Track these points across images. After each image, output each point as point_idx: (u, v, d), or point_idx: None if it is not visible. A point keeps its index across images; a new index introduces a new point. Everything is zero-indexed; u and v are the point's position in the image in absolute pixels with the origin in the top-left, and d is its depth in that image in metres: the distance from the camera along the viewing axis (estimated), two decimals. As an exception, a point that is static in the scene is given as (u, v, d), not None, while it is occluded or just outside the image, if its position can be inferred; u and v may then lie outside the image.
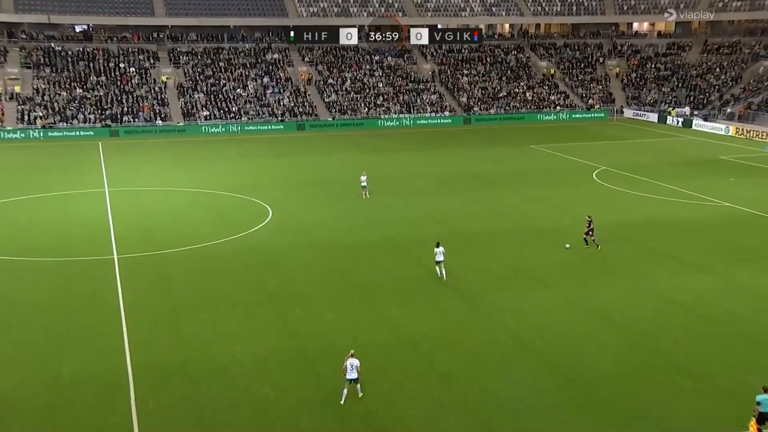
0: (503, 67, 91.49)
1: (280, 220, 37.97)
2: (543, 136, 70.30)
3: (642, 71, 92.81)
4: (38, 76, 75.94)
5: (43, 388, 19.66)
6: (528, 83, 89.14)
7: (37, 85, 74.75)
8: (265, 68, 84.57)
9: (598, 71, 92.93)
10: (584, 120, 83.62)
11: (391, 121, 79.85)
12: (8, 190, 43.41)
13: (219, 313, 25.02)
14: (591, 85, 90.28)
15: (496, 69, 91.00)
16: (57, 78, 76.30)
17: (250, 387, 20.06)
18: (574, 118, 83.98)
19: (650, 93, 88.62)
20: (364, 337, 23.05)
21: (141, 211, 39.60)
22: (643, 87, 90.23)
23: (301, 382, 20.40)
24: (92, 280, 28.32)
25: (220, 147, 64.91)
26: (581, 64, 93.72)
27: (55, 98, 73.48)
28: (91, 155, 58.72)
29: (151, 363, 21.22)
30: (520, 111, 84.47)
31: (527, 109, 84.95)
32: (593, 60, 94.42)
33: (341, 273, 29.65)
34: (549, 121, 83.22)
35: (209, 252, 32.12)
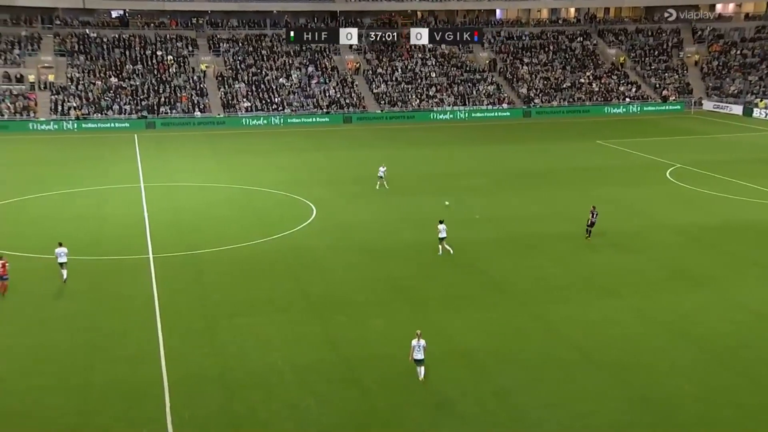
0: (567, 56, 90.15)
1: (324, 219, 38.13)
2: (610, 131, 69.00)
3: (725, 58, 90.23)
4: (72, 65, 78.06)
5: (72, 394, 20.08)
6: (595, 73, 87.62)
7: (71, 74, 76.84)
8: (310, 56, 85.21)
9: (674, 59, 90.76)
10: (657, 113, 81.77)
11: (444, 114, 79.51)
12: (40, 185, 44.67)
13: (257, 319, 25.21)
14: (666, 75, 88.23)
15: (559, 57, 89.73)
16: (92, 66, 78.30)
17: (290, 398, 20.12)
18: (646, 111, 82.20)
19: (734, 83, 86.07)
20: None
21: (177, 208, 40.26)
22: (726, 76, 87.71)
23: (344, 394, 20.36)
24: (126, 280, 28.88)
25: (261, 140, 65.62)
26: (655, 52, 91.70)
27: (89, 88, 75.44)
28: (127, 148, 60.07)
29: (186, 370, 21.47)
30: (585, 103, 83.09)
31: (593, 101, 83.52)
32: (669, 47, 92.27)
33: (388, 277, 29.56)
34: (617, 114, 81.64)
35: (248, 253, 32.43)
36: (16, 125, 69.42)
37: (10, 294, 27.08)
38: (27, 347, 22.77)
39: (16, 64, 75.89)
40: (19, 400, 19.69)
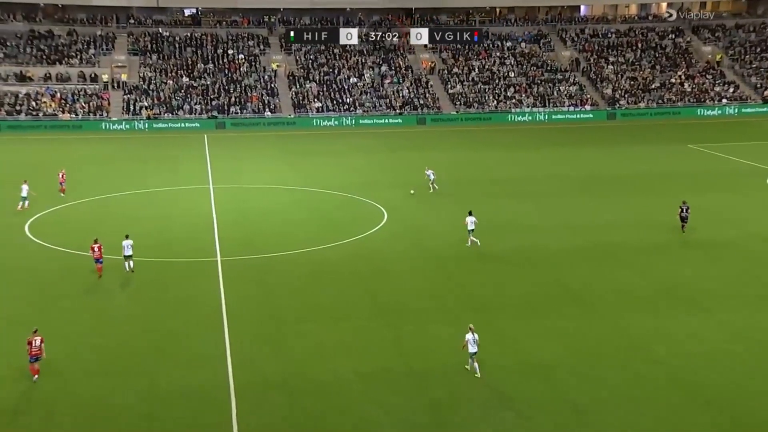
0: (657, 54, 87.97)
1: (395, 223, 38.37)
2: (703, 134, 66.96)
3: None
4: (145, 64, 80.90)
5: (138, 397, 20.83)
6: (687, 72, 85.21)
7: (144, 73, 79.63)
8: (383, 56, 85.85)
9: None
10: (758, 115, 78.85)
11: (522, 116, 78.79)
12: (110, 185, 46.46)
13: (324, 325, 25.59)
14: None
15: (648, 56, 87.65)
16: (164, 65, 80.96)
17: (356, 408, 20.36)
18: (744, 113, 79.38)
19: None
20: (484, 360, 22.81)
21: (246, 210, 41.23)
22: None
23: (412, 405, 20.47)
24: (193, 283, 29.77)
25: (332, 142, 66.40)
26: (757, 49, 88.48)
27: (161, 87, 78.02)
28: (196, 149, 61.84)
29: (252, 376, 22.00)
30: (675, 105, 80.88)
31: (685, 102, 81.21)
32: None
33: (460, 286, 29.55)
34: (711, 116, 79.13)
35: (316, 257, 32.95)
36: (90, 125, 72.39)
37: (79, 293, 28.31)
38: (94, 347, 23.75)
39: (91, 63, 79.15)
40: (86, 401, 20.56)
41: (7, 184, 45.25)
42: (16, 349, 22.57)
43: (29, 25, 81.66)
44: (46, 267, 31.34)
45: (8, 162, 55.41)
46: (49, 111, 73.45)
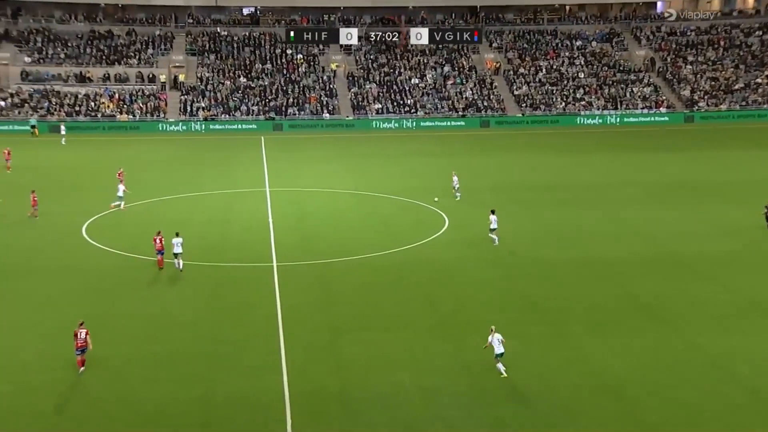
0: (742, 52, 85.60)
1: (456, 230, 38.16)
2: (791, 139, 64.82)
3: None
4: (203, 64, 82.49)
5: (194, 405, 21.04)
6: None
7: (201, 74, 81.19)
8: (446, 55, 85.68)
9: None
10: None
11: (592, 119, 77.61)
12: (166, 188, 47.40)
13: (383, 335, 25.52)
14: None
15: (731, 55, 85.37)
16: (221, 66, 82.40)
17: (417, 423, 20.18)
18: (835, 117, 76.61)
19: None
20: (551, 375, 22.42)
21: (303, 214, 41.55)
22: None
23: (476, 422, 20.21)
24: (248, 289, 30.07)
25: (391, 144, 66.55)
26: None
27: (218, 88, 79.41)
28: (253, 151, 62.69)
29: (308, 385, 22.03)
30: (761, 107, 78.51)
31: (771, 104, 78.83)
32: None
33: (525, 296, 29.15)
34: (800, 119, 76.60)
35: (375, 264, 32.94)
36: (147, 126, 74.16)
37: (134, 298, 28.88)
38: (149, 353, 24.14)
39: (149, 63, 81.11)
40: (143, 407, 20.88)
41: (65, 186, 46.69)
42: (71, 359, 23.13)
43: (90, 26, 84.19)
44: (101, 270, 32.07)
45: (67, 163, 57.11)
46: (108, 112, 75.49)
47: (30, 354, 23.75)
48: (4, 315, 26.86)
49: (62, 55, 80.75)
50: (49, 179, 49.87)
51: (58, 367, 22.92)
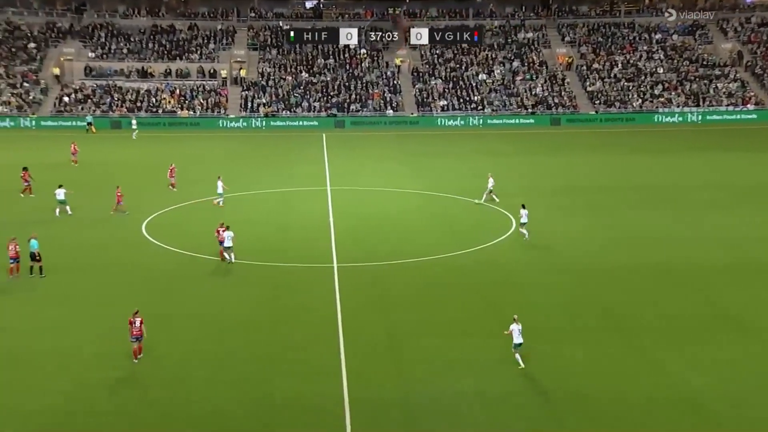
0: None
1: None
2: None
3: None
4: (264, 59, 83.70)
5: (253, 407, 21.40)
6: None
7: (263, 69, 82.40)
8: (515, 50, 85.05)
9: None
10: None
11: (671, 116, 76.06)
12: (230, 185, 48.07)
13: (445, 340, 25.53)
14: None
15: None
16: (283, 61, 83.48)
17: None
18: None
19: None
20: (623, 386, 22.10)
21: (364, 214, 41.82)
22: None
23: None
24: (308, 290, 30.41)
25: (457, 143, 66.41)
26: None
27: (279, 83, 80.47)
28: (314, 148, 63.34)
29: (368, 391, 22.22)
30: None
31: None
32: None
33: (596, 303, 28.79)
34: None
35: (438, 266, 32.95)
36: (207, 122, 75.65)
37: (193, 297, 29.52)
38: (208, 354, 24.63)
39: (211, 59, 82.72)
40: (201, 409, 21.35)
41: (125, 182, 47.82)
42: (129, 357, 23.83)
43: (152, 20, 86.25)
44: (160, 269, 32.88)
45: (128, 160, 58.69)
46: (168, 108, 77.28)
47: (89, 352, 24.52)
48: (64, 312, 27.79)
49: (125, 50, 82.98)
50: (109, 176, 51.30)
51: (117, 366, 23.61)
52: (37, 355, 24.28)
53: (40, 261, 31.07)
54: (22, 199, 44.39)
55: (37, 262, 31.09)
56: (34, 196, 44.39)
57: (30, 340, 25.47)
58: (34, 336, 25.80)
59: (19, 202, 43.97)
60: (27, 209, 42.06)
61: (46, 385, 22.37)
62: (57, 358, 24.08)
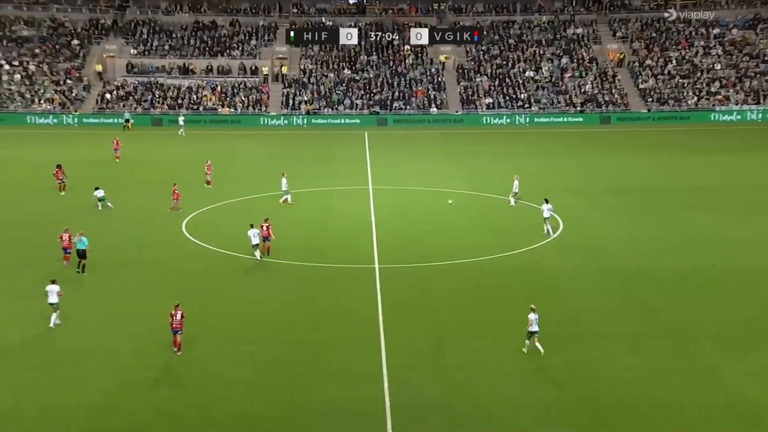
0: None
1: (571, 234, 37.63)
2: None
3: None
4: (306, 55, 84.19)
5: (292, 410, 21.53)
6: None
7: (305, 65, 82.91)
8: (564, 46, 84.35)
9: None
10: None
11: (729, 115, 74.78)
12: (267, 184, 48.55)
13: (489, 344, 25.44)
14: None
15: None
16: (325, 57, 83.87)
17: (522, 439, 20.08)
18: None
19: None
20: (676, 394, 21.79)
21: (407, 214, 41.85)
22: None
23: (588, 442, 19.93)
24: (349, 291, 30.52)
25: (502, 141, 66.19)
26: None
27: (321, 80, 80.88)
28: (356, 147, 63.54)
29: (409, 395, 22.20)
30: None
31: None
32: None
33: (646, 308, 28.43)
34: None
35: (482, 268, 32.84)
36: (248, 120, 76.38)
37: (232, 297, 29.82)
38: (247, 355, 24.84)
39: (252, 55, 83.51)
40: (241, 410, 21.54)
41: (167, 180, 48.54)
42: (170, 357, 24.16)
43: (194, 16, 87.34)
44: (200, 268, 33.28)
45: (168, 157, 59.51)
46: (209, 105, 78.18)
47: (129, 350, 24.92)
48: (104, 310, 28.27)
49: (166, 46, 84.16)
50: (150, 173, 52.11)
51: (157, 365, 23.98)
52: (79, 352, 24.74)
53: (85, 258, 31.89)
54: (61, 196, 45.33)
55: (83, 260, 31.92)
56: (64, 194, 45.42)
57: (72, 337, 25.96)
58: (76, 333, 26.30)
59: (58, 198, 44.85)
60: (67, 205, 42.86)
61: (88, 382, 22.77)
62: (98, 355, 24.52)
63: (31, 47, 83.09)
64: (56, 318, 26.59)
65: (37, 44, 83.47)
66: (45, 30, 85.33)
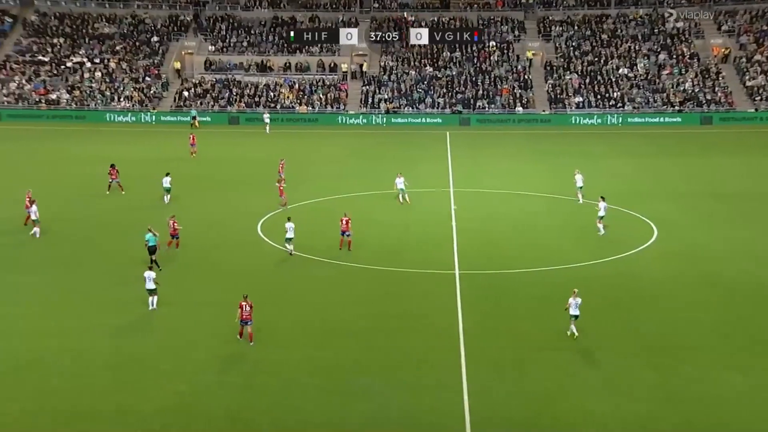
0: None
1: (667, 242, 36.73)
2: None
3: None
4: (387, 52, 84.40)
5: (367, 422, 21.48)
6: None
7: (385, 62, 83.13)
8: (662, 41, 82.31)
9: None
10: None
11: None
12: (344, 184, 48.87)
13: (576, 357, 24.99)
14: None
15: None
16: (406, 54, 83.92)
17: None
18: None
19: None
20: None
21: (489, 218, 41.50)
22: None
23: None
24: (428, 298, 30.36)
25: (592, 142, 65.21)
26: None
27: (401, 78, 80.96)
28: (437, 147, 63.36)
29: (491, 409, 21.96)
30: None
31: None
32: None
33: (751, 323, 27.48)
34: None
35: (568, 276, 32.23)
36: (326, 118, 77.01)
37: (306, 300, 30.02)
38: (321, 361, 24.94)
39: (332, 52, 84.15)
40: (314, 419, 21.63)
41: (238, 183, 49.46)
42: (244, 360, 24.41)
43: (273, 12, 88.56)
44: (274, 270, 33.65)
45: (243, 156, 60.43)
46: (287, 103, 79.13)
47: (203, 353, 25.33)
48: (178, 312, 28.81)
49: (245, 43, 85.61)
50: (225, 172, 53.01)
51: (230, 369, 24.32)
52: (152, 354, 25.28)
53: (154, 254, 32.73)
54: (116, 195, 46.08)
55: (152, 255, 32.74)
56: (109, 193, 46.33)
57: (146, 338, 26.57)
58: (149, 334, 26.92)
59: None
60: (143, 202, 43.92)
61: (163, 385, 23.25)
62: (171, 357, 25.01)
63: (112, 44, 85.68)
64: (154, 303, 28.72)
65: (118, 41, 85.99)
66: (126, 27, 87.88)
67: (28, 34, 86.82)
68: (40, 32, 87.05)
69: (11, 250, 36.16)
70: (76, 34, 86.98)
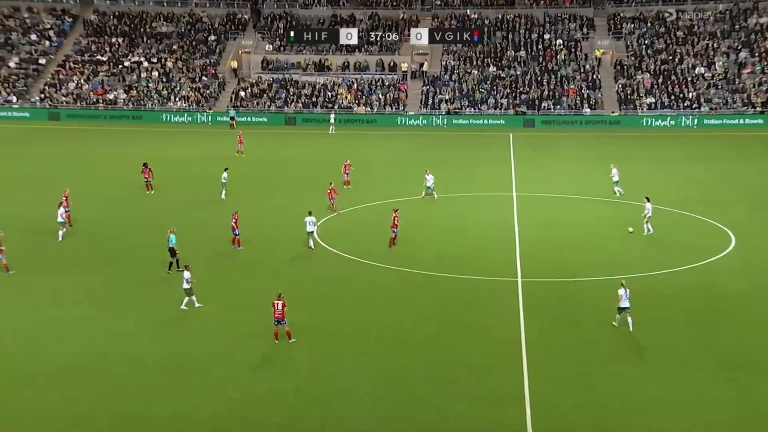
0: None
1: (746, 252, 35.99)
2: None
3: None
4: (448, 51, 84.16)
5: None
6: None
7: (446, 62, 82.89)
8: (744, 38, 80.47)
9: None
10: None
11: None
12: (402, 188, 48.73)
13: (645, 371, 24.56)
14: None
15: None
16: (469, 53, 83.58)
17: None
18: None
19: None
20: None
21: (554, 224, 41.08)
22: None
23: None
24: (489, 306, 30.19)
25: (665, 146, 64.19)
26: None
27: (463, 78, 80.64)
28: (500, 149, 62.96)
29: (554, 424, 21.73)
30: None
31: None
32: None
33: (836, 339, 26.61)
34: None
35: (637, 286, 31.43)
36: (385, 119, 77.08)
37: (362, 305, 30.09)
38: (379, 370, 24.92)
39: (391, 51, 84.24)
40: (371, 428, 21.63)
41: (303, 184, 49.78)
42: (297, 368, 24.46)
43: (332, 10, 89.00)
44: (329, 276, 33.73)
45: (298, 157, 60.84)
46: (345, 103, 79.42)
47: (256, 359, 25.50)
48: (230, 317, 29.05)
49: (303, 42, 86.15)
50: (280, 173, 53.44)
51: (285, 376, 24.46)
52: (204, 359, 25.57)
53: (176, 255, 33.33)
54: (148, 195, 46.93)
55: (174, 257, 33.36)
56: (151, 192, 47.25)
57: (197, 342, 26.85)
58: (200, 338, 27.19)
59: (185, 192, 46.63)
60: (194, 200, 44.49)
61: (217, 392, 23.47)
62: (224, 363, 25.24)
63: (169, 44, 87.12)
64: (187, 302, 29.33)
65: (175, 40, 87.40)
66: (183, 26, 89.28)
67: (87, 34, 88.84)
68: (99, 32, 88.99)
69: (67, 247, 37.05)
70: (134, 34, 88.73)
